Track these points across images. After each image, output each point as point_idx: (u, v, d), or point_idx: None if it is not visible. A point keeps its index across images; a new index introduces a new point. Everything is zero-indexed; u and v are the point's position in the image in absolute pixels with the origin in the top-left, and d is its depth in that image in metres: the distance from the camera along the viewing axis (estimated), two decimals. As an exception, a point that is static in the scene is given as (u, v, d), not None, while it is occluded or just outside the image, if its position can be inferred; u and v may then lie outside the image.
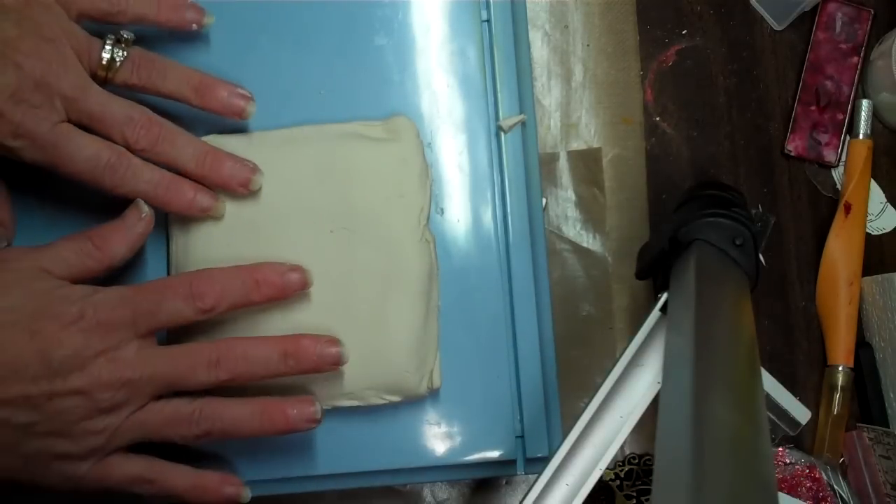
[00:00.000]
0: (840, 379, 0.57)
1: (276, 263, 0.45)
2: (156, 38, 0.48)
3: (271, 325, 0.46)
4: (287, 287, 0.44)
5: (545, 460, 0.43)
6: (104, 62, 0.44)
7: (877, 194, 0.59)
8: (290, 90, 0.50)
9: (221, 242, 0.47)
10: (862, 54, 0.59)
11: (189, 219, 0.47)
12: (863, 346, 0.58)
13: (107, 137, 0.43)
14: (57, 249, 0.43)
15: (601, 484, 0.56)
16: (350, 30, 0.50)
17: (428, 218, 0.48)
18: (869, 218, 0.59)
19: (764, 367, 0.40)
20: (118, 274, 0.46)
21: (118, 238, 0.44)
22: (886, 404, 0.57)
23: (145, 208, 0.44)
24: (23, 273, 0.41)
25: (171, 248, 0.48)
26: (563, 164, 0.59)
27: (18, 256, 0.42)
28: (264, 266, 0.44)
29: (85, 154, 0.43)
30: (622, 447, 0.57)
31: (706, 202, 0.48)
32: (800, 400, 0.46)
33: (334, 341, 0.44)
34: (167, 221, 0.48)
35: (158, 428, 0.43)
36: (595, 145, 0.59)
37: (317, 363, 0.44)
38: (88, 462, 0.42)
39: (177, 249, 0.48)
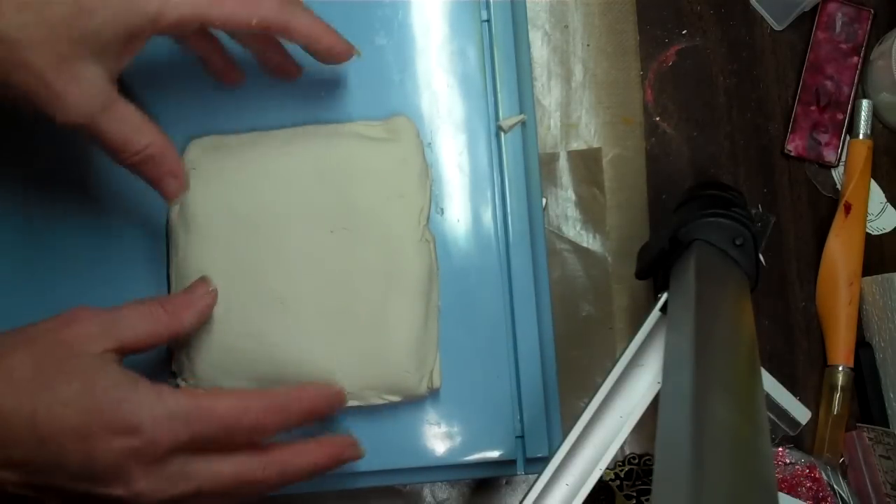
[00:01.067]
0: (840, 379, 0.57)
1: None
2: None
3: (272, 325, 0.46)
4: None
5: (545, 460, 0.43)
6: None
7: (877, 194, 0.59)
8: (291, 90, 0.50)
9: (222, 242, 0.47)
10: (862, 54, 0.59)
11: (189, 218, 0.47)
12: (863, 346, 0.58)
13: None
14: (127, 317, 0.40)
15: (601, 484, 0.56)
16: (350, 30, 0.50)
17: (428, 218, 0.48)
18: (869, 218, 0.59)
19: (764, 367, 0.40)
20: (114, 274, 0.46)
21: (187, 306, 0.43)
22: (886, 404, 0.57)
23: (212, 283, 0.45)
24: (88, 360, 0.38)
25: (171, 246, 0.48)
26: (563, 164, 0.59)
27: (88, 333, 0.39)
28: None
29: None
30: (622, 447, 0.57)
31: (706, 202, 0.48)
32: (800, 400, 0.46)
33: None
34: (168, 220, 0.48)
35: None
36: (595, 145, 0.59)
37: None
38: None
39: (177, 248, 0.48)
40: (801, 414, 0.45)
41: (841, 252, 0.58)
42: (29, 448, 0.36)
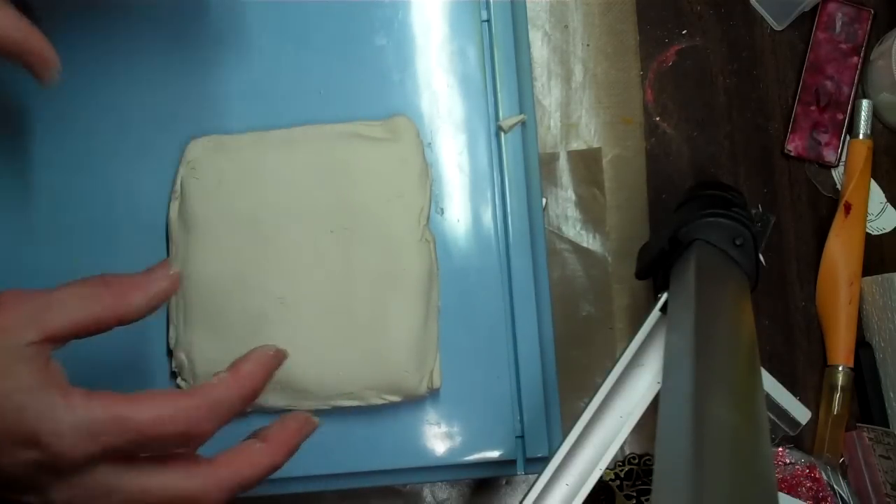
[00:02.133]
0: (840, 379, 0.57)
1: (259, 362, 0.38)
2: (152, 39, 0.48)
3: (272, 325, 0.46)
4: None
5: (545, 460, 0.43)
6: None
7: (877, 194, 0.59)
8: (290, 90, 0.50)
9: (222, 242, 0.47)
10: (862, 54, 0.59)
11: (189, 218, 0.47)
12: (863, 346, 0.58)
13: None
14: (60, 300, 0.35)
15: (601, 484, 0.56)
16: (350, 30, 0.50)
17: (428, 218, 0.48)
18: (869, 218, 0.59)
19: (764, 367, 0.40)
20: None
21: (137, 287, 0.37)
22: (886, 404, 0.57)
23: (173, 267, 0.38)
24: (4, 355, 0.34)
25: (171, 246, 0.48)
26: (563, 164, 0.59)
27: (11, 323, 0.34)
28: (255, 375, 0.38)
29: None
30: (622, 447, 0.57)
31: (706, 202, 0.48)
32: (800, 400, 0.46)
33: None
34: (168, 220, 0.48)
35: None
36: (595, 145, 0.59)
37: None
38: None
39: (177, 249, 0.48)
40: (801, 414, 0.45)
41: (841, 252, 0.58)
42: None
